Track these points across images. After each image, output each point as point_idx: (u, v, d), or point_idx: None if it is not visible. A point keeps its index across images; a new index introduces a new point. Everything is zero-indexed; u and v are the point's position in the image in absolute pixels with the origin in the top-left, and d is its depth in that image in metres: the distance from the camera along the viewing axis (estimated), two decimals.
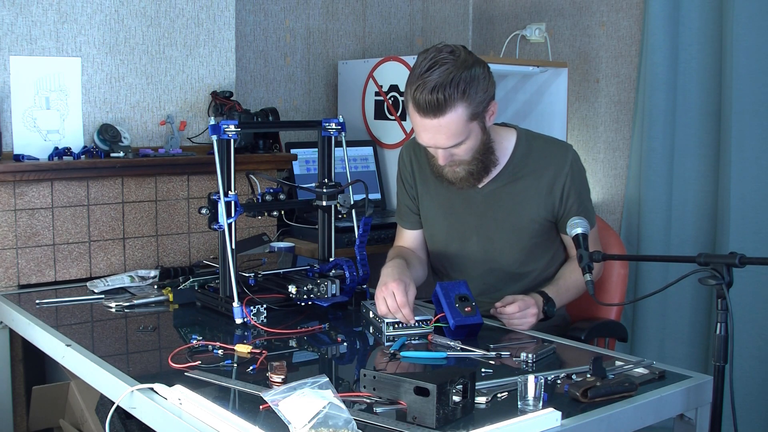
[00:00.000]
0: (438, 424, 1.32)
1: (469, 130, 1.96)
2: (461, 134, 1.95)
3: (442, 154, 2.01)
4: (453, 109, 1.90)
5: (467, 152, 2.02)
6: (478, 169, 2.07)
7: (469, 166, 2.06)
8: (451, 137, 1.95)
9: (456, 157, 2.02)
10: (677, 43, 3.04)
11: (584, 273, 1.74)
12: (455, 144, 1.97)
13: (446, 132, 1.94)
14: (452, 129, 1.93)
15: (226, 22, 2.76)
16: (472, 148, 2.02)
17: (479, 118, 1.97)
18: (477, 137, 2.00)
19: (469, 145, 2.00)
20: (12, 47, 2.37)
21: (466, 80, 1.90)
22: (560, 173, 2.11)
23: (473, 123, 1.96)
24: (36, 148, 2.40)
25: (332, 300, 2.05)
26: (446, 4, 3.82)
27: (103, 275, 2.42)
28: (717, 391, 1.49)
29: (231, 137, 1.96)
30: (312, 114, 3.42)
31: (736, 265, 1.49)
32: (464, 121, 1.93)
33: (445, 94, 1.88)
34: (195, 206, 2.61)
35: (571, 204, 2.12)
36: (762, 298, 2.82)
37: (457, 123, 1.93)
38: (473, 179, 2.10)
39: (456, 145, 1.98)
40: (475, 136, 1.99)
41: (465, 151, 2.01)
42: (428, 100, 1.89)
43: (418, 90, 1.90)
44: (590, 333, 2.18)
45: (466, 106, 1.92)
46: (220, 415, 1.34)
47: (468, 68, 1.92)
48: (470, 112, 1.93)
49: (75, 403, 2.28)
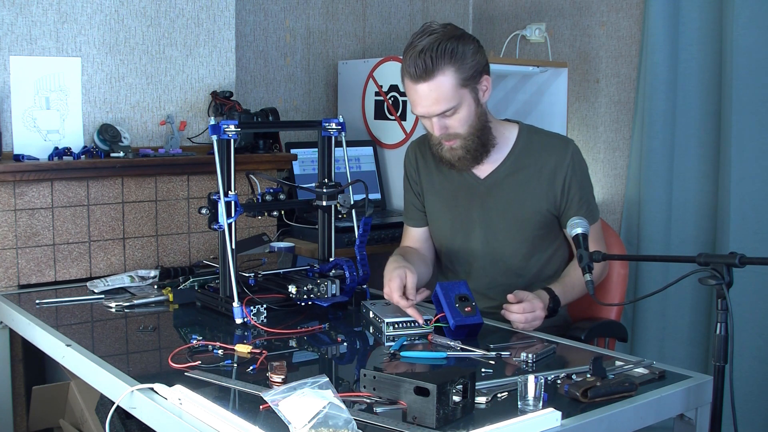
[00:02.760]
0: (438, 424, 1.32)
1: (461, 97, 2.01)
2: (452, 99, 2.00)
3: (436, 124, 2.04)
4: (441, 72, 1.97)
5: (461, 123, 2.05)
6: (475, 145, 2.09)
7: (466, 142, 2.08)
8: (442, 101, 2.00)
9: (451, 129, 2.05)
10: (677, 43, 3.04)
11: (584, 273, 1.74)
12: (447, 109, 2.01)
13: (436, 96, 1.99)
14: (442, 92, 1.99)
15: (226, 22, 2.76)
16: (467, 120, 2.05)
17: (470, 87, 2.02)
18: (470, 107, 2.04)
19: (462, 115, 2.04)
20: (12, 47, 2.37)
21: (454, 46, 1.98)
22: (561, 165, 2.14)
23: (464, 90, 2.01)
24: (36, 148, 2.40)
25: (332, 300, 2.05)
26: (446, 4, 3.82)
27: (103, 275, 2.42)
28: (717, 391, 1.49)
29: (231, 137, 1.96)
30: (312, 114, 3.42)
31: (736, 265, 1.49)
32: (454, 86, 1.99)
33: (432, 56, 1.96)
34: (195, 206, 2.61)
35: (573, 196, 2.13)
36: (762, 298, 2.82)
37: (446, 87, 1.98)
38: (471, 158, 2.11)
39: (448, 110, 2.02)
40: (467, 106, 2.03)
41: (459, 122, 2.04)
42: (417, 63, 1.97)
43: (408, 55, 2.00)
44: (590, 333, 2.18)
45: (454, 70, 1.98)
46: (220, 415, 1.33)
47: (457, 38, 2.00)
48: (460, 77, 1.99)
49: (75, 403, 2.28)
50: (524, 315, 1.93)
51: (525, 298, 1.96)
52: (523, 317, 1.93)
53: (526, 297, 1.96)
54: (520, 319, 1.93)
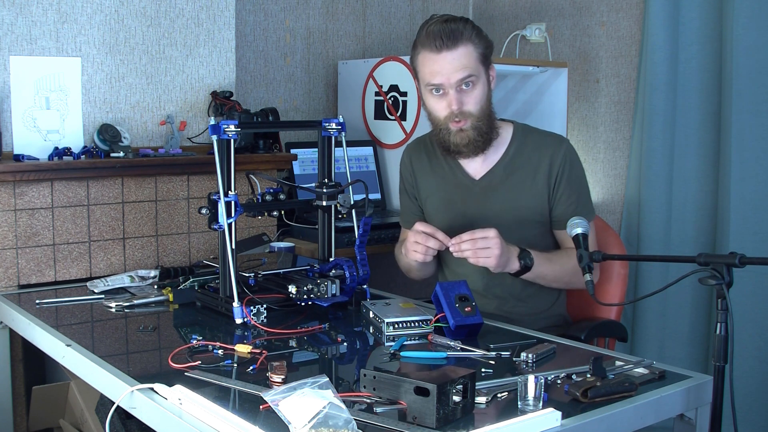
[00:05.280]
0: (438, 424, 1.32)
1: (480, 72, 2.06)
2: (474, 69, 2.05)
3: (454, 97, 2.06)
4: (465, 42, 2.04)
5: (476, 101, 2.08)
6: (485, 128, 2.10)
7: (477, 122, 2.09)
8: (465, 69, 2.04)
9: (465, 107, 2.07)
10: (677, 43, 3.04)
11: (584, 273, 1.74)
12: (469, 76, 2.04)
13: (459, 63, 2.04)
14: (464, 61, 2.04)
15: (226, 22, 2.76)
16: (481, 98, 2.08)
17: (486, 67, 2.08)
18: (484, 86, 2.09)
19: (478, 92, 2.07)
20: (12, 47, 2.37)
21: (474, 25, 2.08)
22: (554, 163, 2.14)
23: (482, 67, 2.07)
24: (36, 148, 2.40)
25: (332, 300, 2.05)
26: (446, 4, 3.82)
27: (103, 275, 2.42)
28: (717, 391, 1.49)
29: (231, 137, 1.96)
30: (312, 114, 3.42)
31: (736, 265, 1.49)
32: (475, 58, 2.05)
33: (458, 25, 2.05)
34: (195, 206, 2.61)
35: (565, 195, 2.13)
36: (762, 298, 2.82)
37: (469, 57, 2.04)
38: (481, 141, 2.11)
39: (470, 78, 2.04)
40: (483, 84, 2.08)
41: (474, 99, 2.07)
42: (443, 29, 2.03)
43: (430, 26, 2.05)
44: (590, 333, 2.18)
45: (476, 45, 2.05)
46: (220, 415, 1.33)
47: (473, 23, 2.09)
48: (480, 51, 2.06)
49: (75, 403, 2.28)
50: (473, 241, 1.94)
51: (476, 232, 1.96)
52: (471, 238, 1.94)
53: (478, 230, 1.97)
54: (468, 237, 1.95)
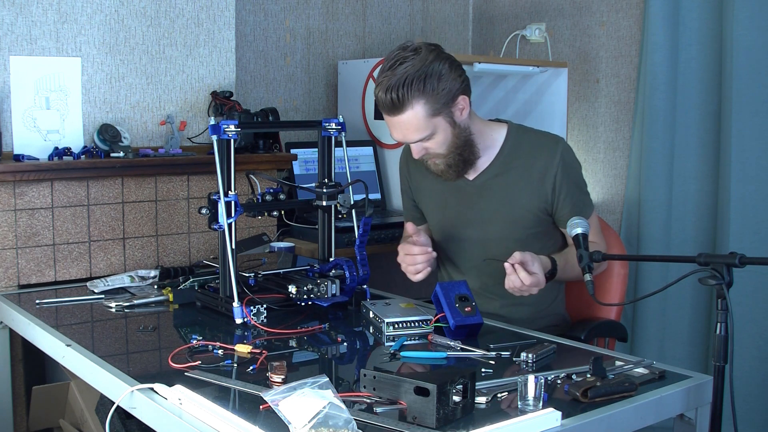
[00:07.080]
0: (438, 424, 1.32)
1: (434, 125, 2.03)
2: (425, 129, 2.02)
3: (414, 148, 2.09)
4: (410, 107, 1.99)
5: (440, 146, 2.07)
6: (456, 161, 2.11)
7: (447, 159, 2.11)
8: (415, 132, 2.03)
9: (430, 150, 2.09)
10: (677, 43, 3.04)
11: (584, 273, 1.74)
12: (421, 138, 2.04)
13: (408, 128, 2.03)
14: (414, 125, 2.01)
15: (226, 22, 2.76)
16: (444, 142, 2.07)
17: (444, 114, 2.03)
18: (446, 132, 2.05)
19: (438, 140, 2.06)
20: (12, 47, 2.37)
21: (423, 78, 1.97)
22: (551, 164, 2.13)
23: (437, 118, 2.02)
24: (36, 148, 2.40)
25: (332, 300, 2.05)
26: (446, 4, 3.82)
27: (103, 275, 2.42)
28: (717, 391, 1.49)
29: (231, 137, 1.96)
30: (312, 114, 3.42)
31: (736, 265, 1.49)
32: (425, 118, 2.00)
33: (399, 93, 1.97)
34: (195, 206, 2.61)
35: (565, 195, 2.12)
36: (762, 298, 2.82)
37: (417, 119, 2.00)
38: (454, 172, 2.14)
39: (423, 139, 2.05)
40: (443, 131, 2.05)
41: (437, 145, 2.07)
42: (384, 99, 2.00)
43: (379, 89, 2.01)
44: (590, 333, 2.18)
45: (424, 103, 1.99)
46: (220, 415, 1.34)
47: (428, 65, 1.98)
48: (430, 108, 2.00)
49: (75, 403, 2.28)
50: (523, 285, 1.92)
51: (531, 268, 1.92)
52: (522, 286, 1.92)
53: (532, 267, 1.93)
54: (518, 285, 1.92)
